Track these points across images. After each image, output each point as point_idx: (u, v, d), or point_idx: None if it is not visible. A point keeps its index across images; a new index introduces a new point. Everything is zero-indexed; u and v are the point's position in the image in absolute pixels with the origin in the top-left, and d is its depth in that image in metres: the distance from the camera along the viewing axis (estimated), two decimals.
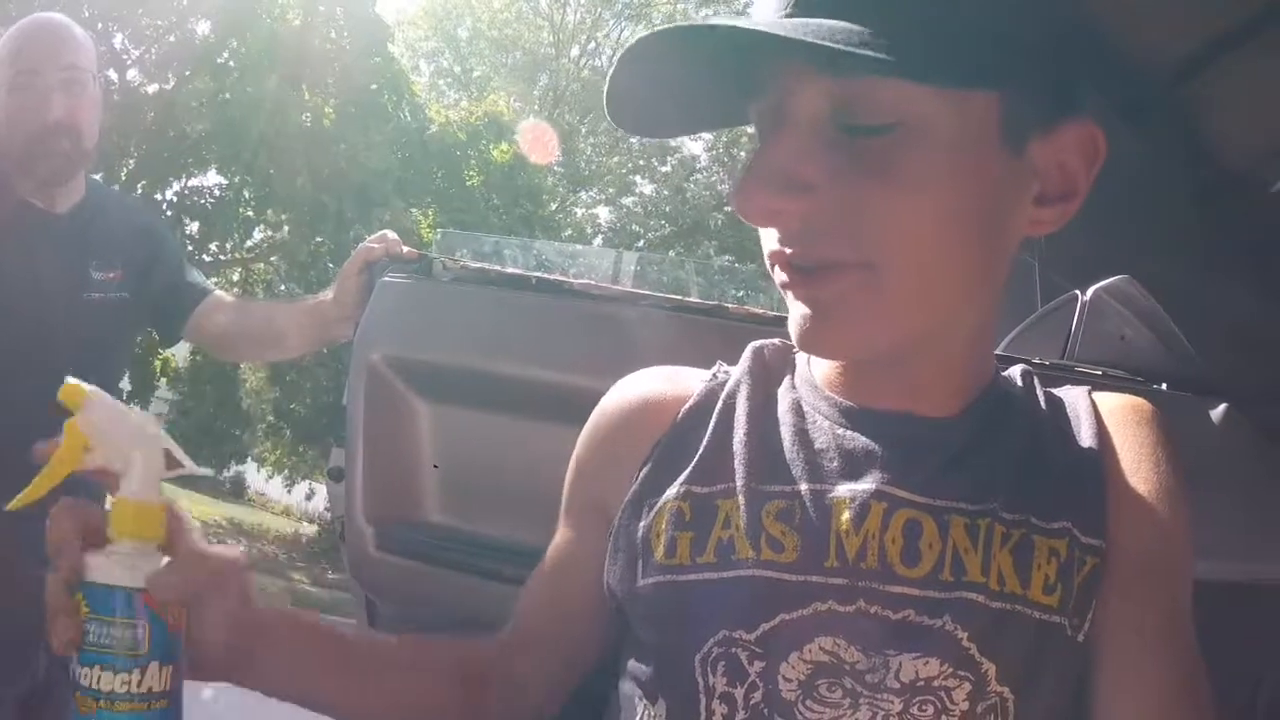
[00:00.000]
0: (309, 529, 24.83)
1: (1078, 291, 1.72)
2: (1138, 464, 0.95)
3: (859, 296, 0.84)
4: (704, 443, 0.99)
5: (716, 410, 1.01)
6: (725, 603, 0.90)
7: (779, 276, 0.88)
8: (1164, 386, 1.56)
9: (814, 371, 1.02)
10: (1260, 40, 1.17)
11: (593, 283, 1.75)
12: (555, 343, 1.66)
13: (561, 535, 1.12)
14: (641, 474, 1.02)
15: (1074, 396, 1.02)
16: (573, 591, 1.08)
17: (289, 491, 27.61)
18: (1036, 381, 1.03)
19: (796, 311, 0.88)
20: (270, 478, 27.17)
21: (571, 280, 1.77)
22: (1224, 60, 1.21)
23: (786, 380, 1.03)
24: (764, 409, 1.00)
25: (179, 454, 0.92)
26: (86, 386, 0.90)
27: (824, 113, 0.82)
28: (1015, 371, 1.04)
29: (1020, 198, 0.87)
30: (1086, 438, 0.97)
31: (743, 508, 0.93)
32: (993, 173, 0.84)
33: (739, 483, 0.94)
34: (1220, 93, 1.26)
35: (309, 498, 27.42)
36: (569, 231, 23.89)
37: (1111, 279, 1.66)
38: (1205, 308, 1.54)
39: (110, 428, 0.89)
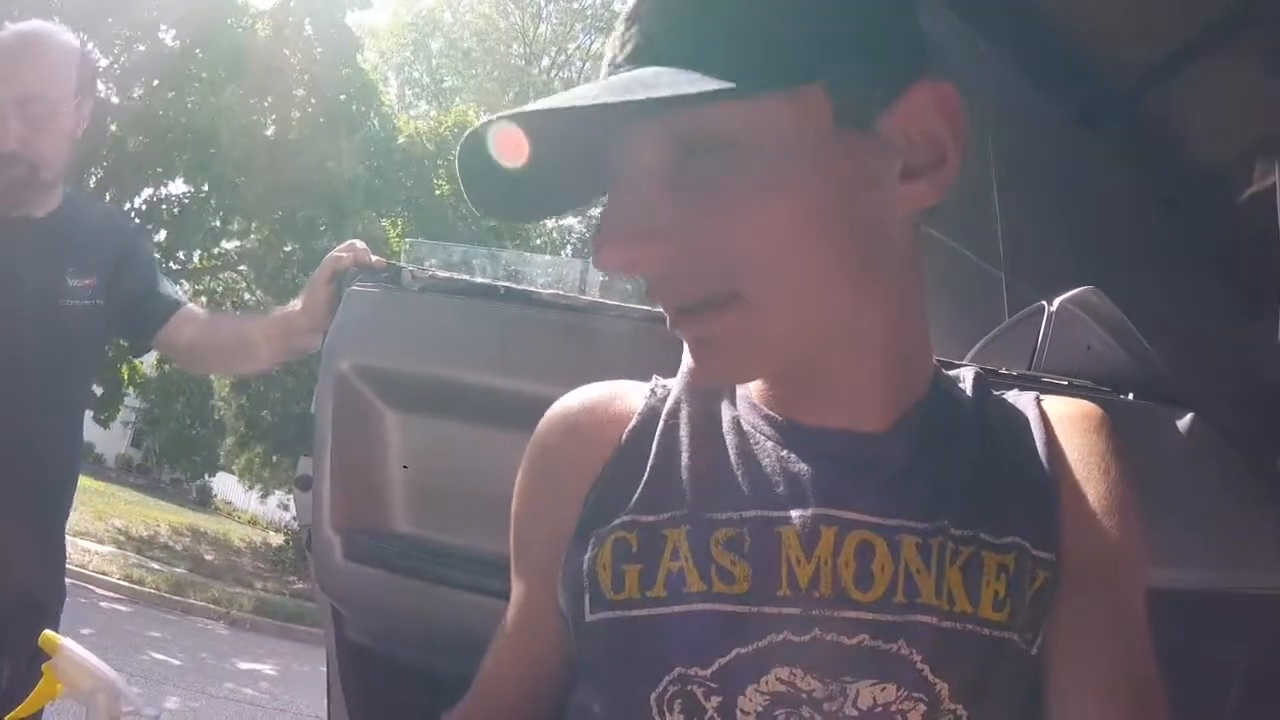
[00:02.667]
0: (276, 538, 24.74)
1: (1044, 302, 1.73)
2: (1089, 473, 0.94)
3: (737, 326, 0.84)
4: (648, 469, 0.96)
5: (658, 432, 0.99)
6: (678, 639, 0.88)
7: (666, 316, 0.88)
8: (1130, 396, 1.57)
9: (749, 386, 0.99)
10: (1225, 47, 1.18)
11: (561, 292, 1.75)
12: (524, 352, 1.66)
13: (520, 593, 1.06)
14: (587, 503, 0.98)
15: (1024, 404, 1.00)
16: (546, 653, 1.02)
17: (264, 502, 27.54)
18: (986, 387, 1.01)
19: (688, 346, 0.89)
20: (249, 488, 27.07)
21: (540, 290, 1.77)
22: (1189, 67, 1.22)
23: (726, 396, 1.00)
24: (706, 429, 0.98)
25: (131, 697, 1.15)
26: (61, 639, 1.15)
27: (663, 154, 0.83)
28: (967, 375, 1.02)
29: (878, 179, 0.85)
30: (1037, 447, 0.95)
31: (690, 538, 0.90)
32: (836, 165, 0.83)
33: (686, 511, 0.92)
34: (1186, 100, 1.27)
35: (284, 508, 27.32)
36: (539, 240, 23.87)
37: (1077, 290, 1.67)
38: (1171, 316, 1.55)
39: (78, 674, 1.14)
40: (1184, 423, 1.52)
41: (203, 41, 15.07)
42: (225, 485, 32.18)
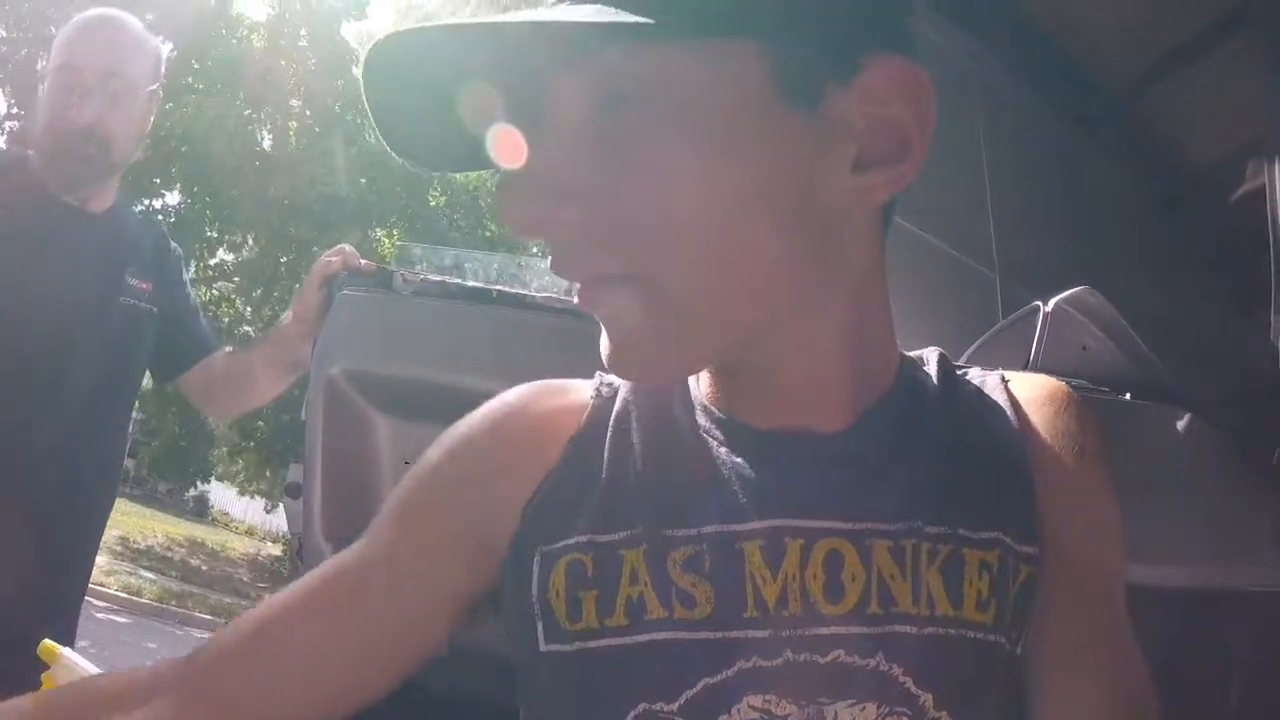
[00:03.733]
0: (273, 548, 24.71)
1: (1039, 303, 1.72)
2: (1061, 457, 0.87)
3: (641, 313, 0.75)
4: (601, 481, 0.86)
5: (608, 439, 0.88)
6: (641, 672, 0.79)
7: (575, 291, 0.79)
8: (1127, 395, 1.56)
9: (700, 386, 0.89)
10: (1218, 50, 1.17)
11: (553, 295, 1.74)
12: (516, 356, 1.65)
13: (371, 545, 0.94)
14: (526, 517, 0.86)
15: (990, 386, 0.92)
16: (360, 626, 0.90)
17: (269, 514, 27.46)
18: (951, 370, 0.93)
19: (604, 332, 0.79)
20: (243, 495, 27.01)
21: (533, 293, 1.76)
22: (1182, 69, 1.21)
23: (678, 397, 0.90)
24: (658, 436, 0.87)
25: None
26: (60, 649, 1.15)
27: (583, 105, 0.73)
28: (930, 356, 0.93)
29: (825, 164, 0.74)
30: (1009, 433, 0.88)
31: (648, 558, 0.81)
32: (771, 142, 0.72)
33: (642, 529, 0.82)
34: (1179, 101, 1.26)
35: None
36: (535, 250, 23.85)
37: (1073, 290, 1.66)
38: (1167, 316, 1.54)
39: None
40: (1182, 422, 1.51)
41: (198, 52, 15.07)
42: (221, 496, 32.13)
